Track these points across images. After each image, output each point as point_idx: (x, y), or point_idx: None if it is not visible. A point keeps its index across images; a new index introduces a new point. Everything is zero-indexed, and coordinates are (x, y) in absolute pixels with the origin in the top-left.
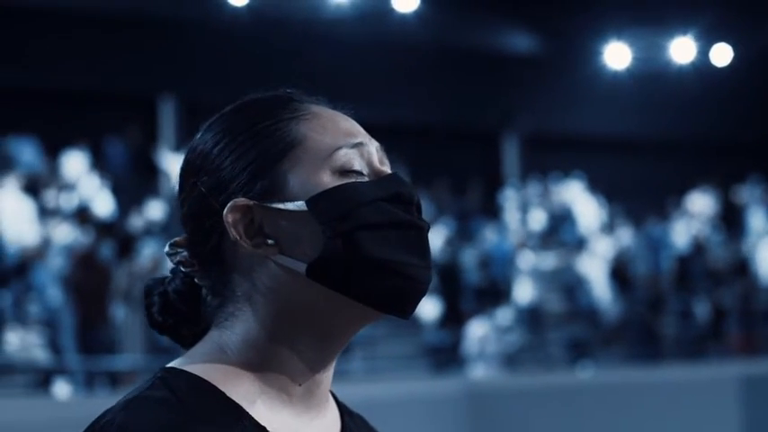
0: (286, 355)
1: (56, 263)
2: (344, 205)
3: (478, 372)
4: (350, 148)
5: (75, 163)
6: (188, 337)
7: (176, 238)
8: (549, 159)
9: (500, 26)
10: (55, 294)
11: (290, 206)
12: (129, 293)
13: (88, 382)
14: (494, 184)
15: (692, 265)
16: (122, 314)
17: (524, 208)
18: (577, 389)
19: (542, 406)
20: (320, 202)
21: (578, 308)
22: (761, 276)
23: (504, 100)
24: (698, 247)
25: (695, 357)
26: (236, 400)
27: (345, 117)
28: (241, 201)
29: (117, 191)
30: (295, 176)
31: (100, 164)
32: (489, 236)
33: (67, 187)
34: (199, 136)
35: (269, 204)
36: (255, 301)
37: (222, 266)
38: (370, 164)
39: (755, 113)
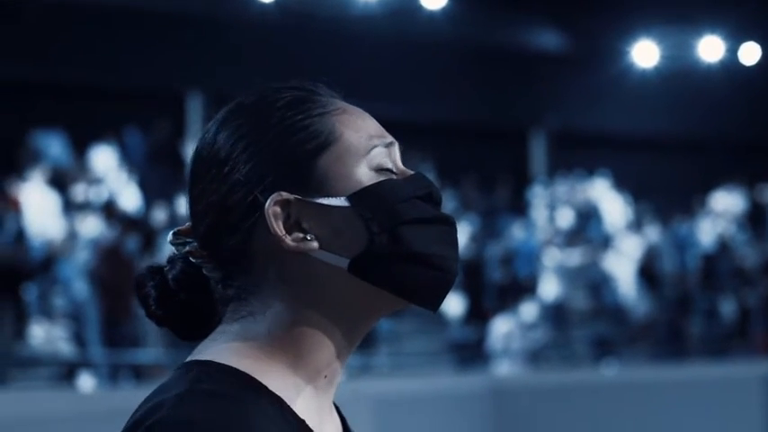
0: (316, 347)
1: (82, 257)
2: (386, 202)
3: (503, 368)
4: (383, 146)
5: (102, 157)
6: (192, 329)
7: (180, 228)
8: (576, 157)
9: (528, 24)
10: (80, 288)
11: (332, 201)
12: None
13: (112, 375)
14: (521, 182)
15: (718, 264)
16: None
17: (552, 205)
18: (602, 386)
19: (566, 403)
20: (363, 198)
21: (604, 305)
22: None
23: (531, 98)
24: (724, 246)
25: (720, 356)
26: (277, 393)
27: (367, 114)
28: (284, 194)
29: (142, 184)
30: (334, 172)
31: (126, 158)
32: (516, 233)
33: (94, 181)
34: (217, 126)
35: (311, 199)
36: (287, 294)
37: (247, 259)
38: (395, 162)
39: None
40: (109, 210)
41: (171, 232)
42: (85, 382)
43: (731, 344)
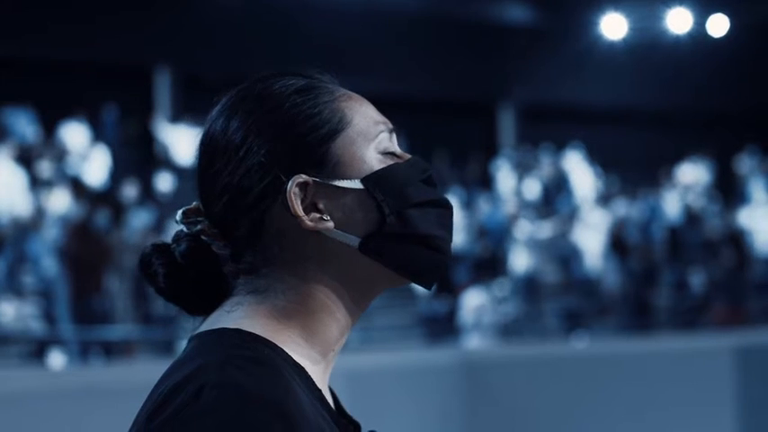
0: (327, 323)
1: (51, 233)
2: (396, 185)
3: (474, 342)
4: (387, 132)
5: (70, 134)
6: (200, 304)
7: (188, 207)
8: (545, 130)
9: None
10: (50, 265)
11: (347, 184)
12: (118, 263)
13: (83, 352)
14: (490, 156)
15: (685, 236)
16: (117, 285)
17: (520, 178)
18: (572, 359)
19: (537, 376)
20: (375, 181)
21: (573, 278)
22: (755, 247)
23: (500, 71)
24: (691, 218)
25: (689, 328)
26: (300, 363)
27: (366, 100)
28: (304, 177)
29: (112, 160)
30: (347, 156)
31: (95, 134)
32: (484, 206)
33: (62, 158)
34: (228, 113)
35: (328, 181)
36: (301, 270)
37: (260, 237)
38: (395, 146)
39: (752, 84)
40: (76, 186)
41: (180, 211)
42: (56, 359)
43: (700, 316)
